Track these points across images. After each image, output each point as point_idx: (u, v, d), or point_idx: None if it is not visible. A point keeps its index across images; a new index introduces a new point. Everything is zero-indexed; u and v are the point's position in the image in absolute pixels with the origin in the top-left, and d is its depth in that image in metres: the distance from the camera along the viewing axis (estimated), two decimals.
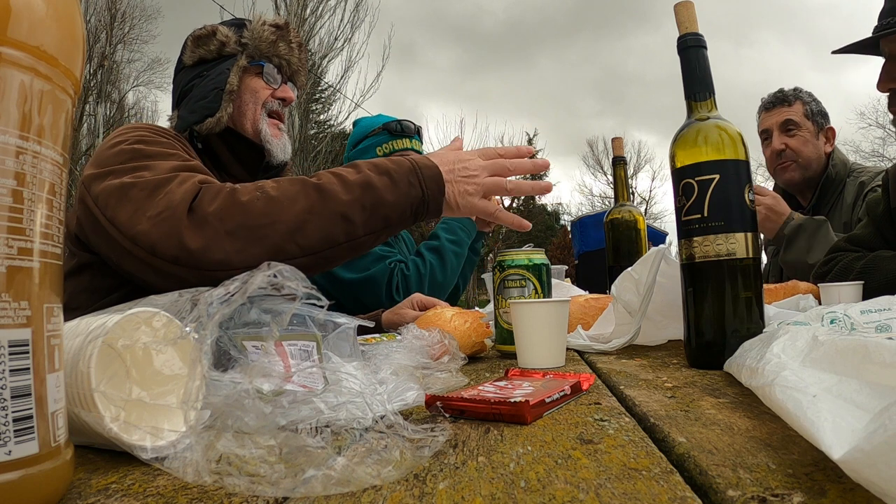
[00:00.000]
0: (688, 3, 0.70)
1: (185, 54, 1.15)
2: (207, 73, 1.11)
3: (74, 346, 0.38)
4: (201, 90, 1.10)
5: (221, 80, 1.09)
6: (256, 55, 1.14)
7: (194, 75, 1.13)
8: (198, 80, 1.12)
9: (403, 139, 1.82)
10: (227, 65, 1.11)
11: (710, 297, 0.66)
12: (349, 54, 12.97)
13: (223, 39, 1.12)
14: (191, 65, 1.14)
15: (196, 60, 1.13)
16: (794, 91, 1.91)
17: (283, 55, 1.16)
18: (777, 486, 0.29)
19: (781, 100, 1.90)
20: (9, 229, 0.28)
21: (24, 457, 0.28)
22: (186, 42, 1.15)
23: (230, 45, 1.12)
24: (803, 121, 1.88)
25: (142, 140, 0.93)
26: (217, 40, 1.12)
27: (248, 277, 0.43)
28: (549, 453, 0.37)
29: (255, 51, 1.13)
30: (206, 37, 1.13)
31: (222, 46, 1.12)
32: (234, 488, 0.32)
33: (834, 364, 0.40)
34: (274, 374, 0.44)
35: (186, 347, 0.42)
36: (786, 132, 1.89)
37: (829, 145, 1.89)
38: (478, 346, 0.88)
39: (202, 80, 1.11)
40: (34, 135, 0.30)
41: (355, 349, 0.63)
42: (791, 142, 1.88)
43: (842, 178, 1.87)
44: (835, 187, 1.87)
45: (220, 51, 1.12)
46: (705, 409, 0.46)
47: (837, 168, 1.87)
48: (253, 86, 1.14)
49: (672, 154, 0.70)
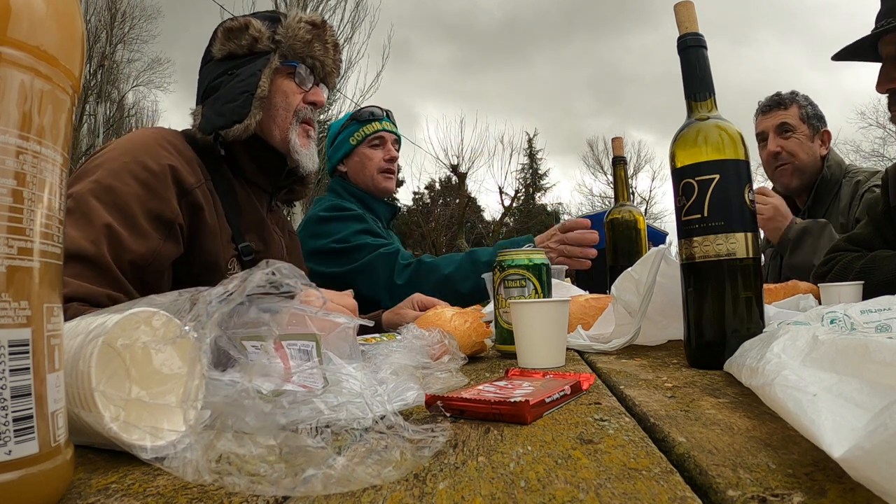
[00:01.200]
0: (688, 3, 0.70)
1: (215, 46, 1.08)
2: (237, 72, 1.05)
3: (74, 346, 0.38)
4: (230, 91, 1.04)
5: (252, 84, 1.03)
6: (290, 55, 1.08)
7: (223, 71, 1.06)
8: (226, 78, 1.05)
9: (372, 123, 1.85)
10: (258, 65, 1.05)
11: (710, 297, 0.66)
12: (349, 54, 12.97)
13: (255, 35, 1.06)
14: (220, 58, 1.07)
15: (225, 54, 1.07)
16: (791, 94, 1.93)
17: (317, 56, 1.10)
18: (777, 486, 0.29)
19: (777, 103, 1.92)
20: (9, 229, 0.28)
21: (24, 457, 0.28)
22: (216, 33, 1.09)
23: (262, 42, 1.06)
24: (799, 124, 1.89)
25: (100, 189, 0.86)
26: (249, 35, 1.06)
27: (247, 276, 0.43)
28: (549, 453, 0.37)
29: (288, 50, 1.07)
30: (238, 30, 1.06)
31: (254, 42, 1.06)
32: (234, 488, 0.32)
33: (834, 363, 0.40)
34: (274, 374, 0.44)
35: (186, 346, 0.42)
36: (781, 135, 1.90)
37: (825, 148, 1.90)
38: (478, 346, 0.88)
39: (231, 79, 1.05)
40: (34, 135, 0.30)
41: (355, 349, 0.63)
42: (786, 144, 1.90)
43: (837, 179, 1.88)
44: (830, 189, 1.88)
45: (251, 47, 1.06)
46: (705, 409, 0.46)
47: (833, 169, 1.88)
48: (284, 88, 1.08)
49: (672, 154, 0.70)
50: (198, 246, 0.97)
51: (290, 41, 1.07)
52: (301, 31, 1.07)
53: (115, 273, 0.84)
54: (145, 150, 0.93)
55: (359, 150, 1.84)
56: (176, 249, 0.94)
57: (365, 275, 1.61)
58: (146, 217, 0.89)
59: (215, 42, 1.08)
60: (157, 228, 0.90)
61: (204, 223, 0.98)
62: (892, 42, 1.15)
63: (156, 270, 0.91)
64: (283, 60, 1.07)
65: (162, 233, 0.91)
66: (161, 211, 0.91)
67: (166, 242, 0.91)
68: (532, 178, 21.93)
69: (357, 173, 1.85)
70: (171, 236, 0.92)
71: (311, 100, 1.11)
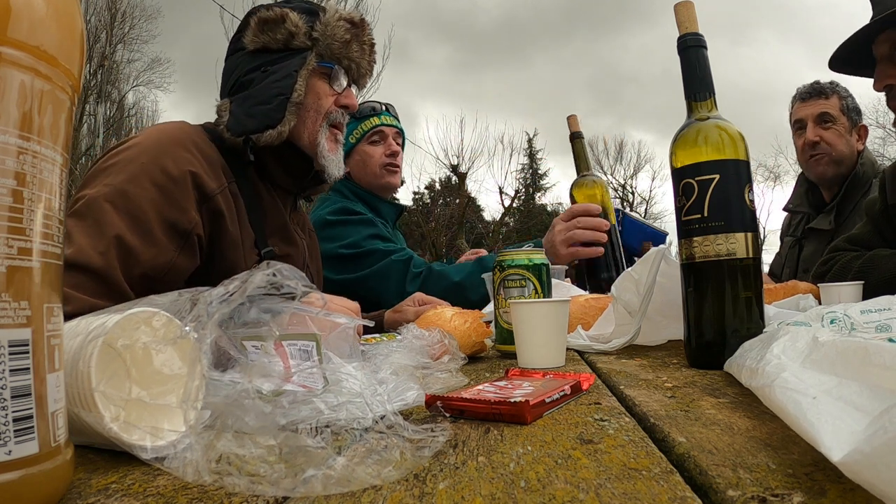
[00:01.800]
0: (688, 3, 0.70)
1: (247, 36, 1.02)
2: (272, 69, 0.99)
3: (74, 346, 0.38)
4: (263, 90, 0.98)
5: (287, 86, 0.97)
6: (327, 55, 1.02)
7: (255, 66, 1.00)
8: (259, 75, 1.00)
9: (371, 118, 1.81)
10: (294, 64, 0.99)
11: (710, 297, 0.66)
12: None
13: (292, 29, 1.00)
14: (252, 50, 1.01)
15: (259, 47, 1.01)
16: (832, 84, 1.88)
17: (354, 58, 1.05)
18: (777, 486, 0.29)
19: (819, 91, 1.87)
20: (9, 229, 0.28)
21: (24, 457, 0.28)
22: (249, 22, 1.02)
23: (299, 38, 1.00)
24: (839, 115, 1.85)
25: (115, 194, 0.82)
26: (286, 29, 1.00)
27: (248, 276, 0.43)
28: (549, 453, 0.37)
29: (326, 50, 1.02)
30: (274, 22, 1.00)
31: (291, 38, 1.00)
32: (234, 488, 0.32)
33: (834, 366, 0.40)
34: (274, 374, 0.44)
35: (186, 347, 0.42)
36: (821, 125, 1.86)
37: (861, 143, 1.86)
38: (478, 346, 0.88)
39: (265, 77, 0.99)
40: (34, 135, 0.30)
41: (355, 349, 0.63)
42: (826, 135, 1.85)
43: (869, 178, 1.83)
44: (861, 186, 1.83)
45: (287, 42, 1.00)
46: (705, 409, 0.46)
47: (866, 167, 1.84)
48: (317, 90, 1.03)
49: (672, 154, 0.70)
50: (218, 255, 0.93)
51: (328, 40, 1.02)
52: (340, 31, 1.02)
53: (123, 288, 0.80)
54: (167, 151, 0.88)
55: (358, 148, 1.80)
56: (192, 262, 0.89)
57: (377, 281, 1.57)
58: (162, 226, 0.85)
59: (247, 31, 1.02)
60: (172, 239, 0.86)
61: (225, 231, 0.93)
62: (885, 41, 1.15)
63: (169, 282, 0.86)
64: (319, 61, 1.02)
65: (177, 244, 0.87)
66: (178, 220, 0.86)
67: (181, 254, 0.87)
68: (532, 178, 21.94)
69: (359, 172, 1.81)
70: (187, 247, 0.88)
71: (344, 103, 1.06)
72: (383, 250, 1.61)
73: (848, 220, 1.82)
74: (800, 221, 2.01)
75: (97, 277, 0.78)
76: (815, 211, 1.95)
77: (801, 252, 1.94)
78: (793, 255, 1.95)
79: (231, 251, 0.94)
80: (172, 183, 0.87)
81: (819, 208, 1.94)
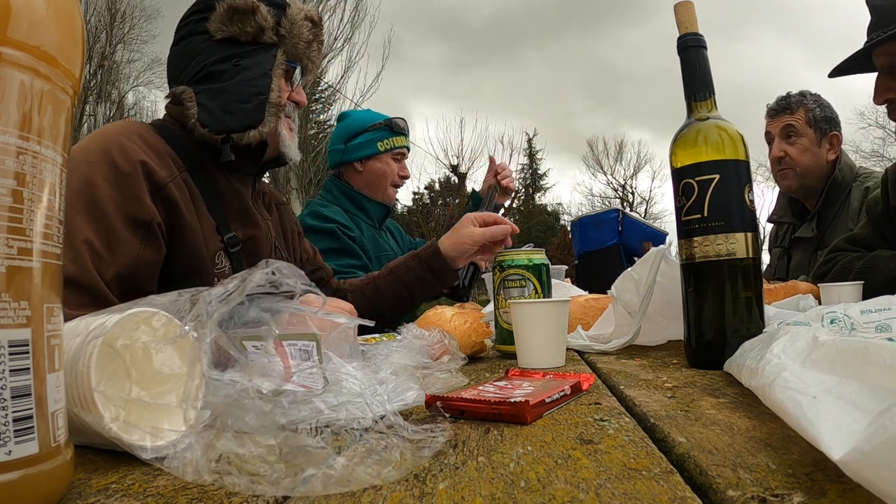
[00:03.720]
0: (688, 3, 0.70)
1: (213, 22, 1.00)
2: (244, 64, 0.99)
3: (74, 346, 0.38)
4: (239, 87, 0.97)
5: (265, 86, 0.98)
6: (292, 55, 1.03)
7: (224, 57, 0.99)
8: (230, 68, 0.99)
9: (402, 137, 1.87)
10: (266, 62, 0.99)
11: (710, 297, 0.66)
12: (349, 54, 12.96)
13: (262, 23, 0.99)
14: (219, 39, 1.00)
15: (227, 37, 0.99)
16: (799, 97, 1.91)
17: (313, 59, 1.07)
18: (777, 486, 0.29)
19: (784, 107, 1.91)
20: (9, 229, 0.28)
21: (24, 457, 0.28)
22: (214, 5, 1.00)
23: (268, 33, 1.00)
24: (804, 128, 1.88)
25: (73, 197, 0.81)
26: (256, 22, 0.99)
27: (247, 275, 0.43)
28: (549, 453, 0.37)
29: (292, 49, 1.03)
30: (244, 13, 0.99)
31: (260, 32, 1.00)
32: (234, 487, 0.32)
33: (834, 365, 0.40)
34: (273, 373, 0.44)
35: (186, 346, 0.42)
36: (786, 139, 1.90)
37: (833, 152, 1.88)
38: (478, 346, 0.88)
39: (238, 72, 0.98)
40: (34, 135, 0.30)
41: (355, 349, 0.63)
42: (790, 150, 1.89)
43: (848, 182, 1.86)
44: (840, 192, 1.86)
45: (256, 36, 1.00)
46: (705, 409, 0.46)
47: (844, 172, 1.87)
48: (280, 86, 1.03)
49: (672, 154, 0.70)
50: (179, 243, 0.93)
51: (294, 39, 1.03)
52: (304, 31, 1.03)
53: (103, 291, 0.81)
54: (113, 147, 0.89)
55: (384, 157, 1.84)
56: (158, 252, 0.90)
57: None
58: (123, 222, 0.85)
59: (212, 16, 1.00)
60: (135, 233, 0.86)
61: (181, 219, 0.93)
62: (884, 53, 1.16)
63: (141, 277, 0.87)
64: (286, 60, 1.03)
65: (141, 237, 0.87)
66: (136, 213, 0.87)
67: (147, 247, 0.88)
68: (532, 179, 21.94)
69: (373, 177, 1.84)
70: (151, 239, 0.88)
71: (296, 99, 1.08)
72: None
73: (830, 226, 1.85)
74: (786, 231, 2.04)
75: (77, 288, 0.78)
76: (799, 220, 1.98)
77: (790, 262, 1.96)
78: (782, 265, 1.98)
79: (191, 239, 0.94)
80: (124, 176, 0.87)
81: (802, 217, 1.98)
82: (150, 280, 0.90)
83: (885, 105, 1.20)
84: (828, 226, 1.85)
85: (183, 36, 1.04)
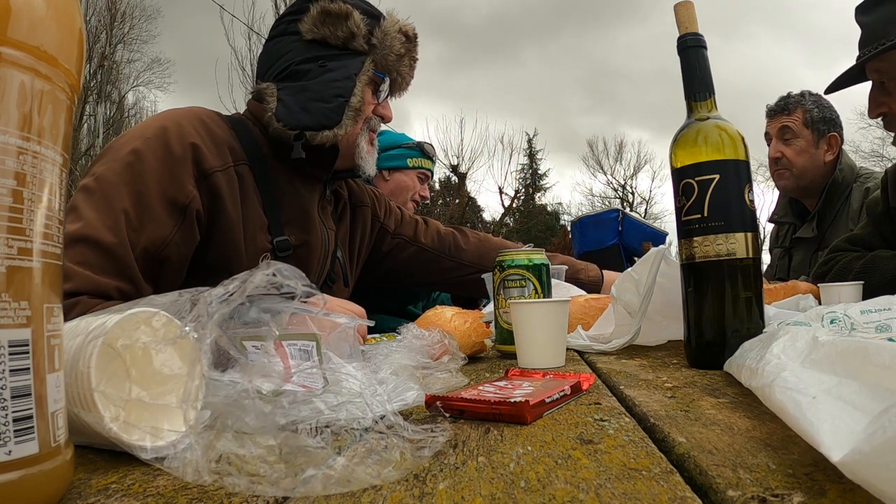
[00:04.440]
0: (688, 3, 0.70)
1: (305, 23, 1.00)
2: (330, 66, 0.98)
3: (74, 346, 0.38)
4: (321, 87, 0.97)
5: (347, 89, 0.97)
6: (382, 66, 1.02)
7: (311, 57, 0.99)
8: (315, 68, 0.98)
9: (429, 160, 2.03)
10: (353, 67, 0.99)
11: (710, 297, 0.66)
12: None
13: (354, 30, 0.99)
14: (308, 40, 1.00)
15: (317, 38, 0.99)
16: (798, 97, 1.91)
17: (403, 72, 1.06)
18: (777, 486, 0.29)
19: (782, 108, 1.92)
20: (9, 229, 0.28)
21: (24, 457, 0.28)
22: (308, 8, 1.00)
23: (359, 40, 1.00)
24: (801, 129, 1.88)
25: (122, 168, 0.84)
26: (348, 27, 0.99)
27: (248, 276, 0.43)
28: (549, 453, 0.37)
29: (382, 59, 1.02)
30: (338, 17, 0.99)
31: (351, 38, 0.99)
32: (234, 488, 0.32)
33: (834, 365, 0.40)
34: (273, 374, 0.44)
35: (186, 347, 0.42)
36: (783, 140, 1.91)
37: (831, 153, 1.89)
38: (478, 346, 0.88)
39: (322, 73, 0.98)
40: (34, 135, 0.30)
41: (355, 349, 0.63)
42: (786, 150, 1.90)
43: (848, 183, 1.87)
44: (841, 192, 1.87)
45: (347, 41, 1.00)
46: (705, 409, 0.46)
47: (844, 173, 1.87)
48: (365, 96, 1.02)
49: (672, 154, 0.70)
50: (217, 234, 0.92)
51: (385, 50, 1.02)
52: (397, 43, 1.02)
53: (130, 262, 0.81)
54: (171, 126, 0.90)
55: (410, 172, 1.99)
56: (191, 238, 0.89)
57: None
58: (161, 200, 0.85)
59: (305, 17, 1.00)
60: (171, 214, 0.86)
61: (223, 210, 0.92)
62: (874, 70, 1.16)
63: (171, 260, 0.87)
64: (374, 69, 1.02)
65: (176, 219, 0.87)
66: (176, 195, 0.86)
67: (180, 230, 0.87)
68: (532, 179, 21.94)
69: (396, 187, 1.97)
70: (186, 223, 0.88)
71: (381, 113, 1.07)
72: None
73: (831, 226, 1.85)
74: (787, 232, 2.05)
75: (106, 253, 0.80)
76: (800, 220, 1.99)
77: (791, 261, 1.97)
78: (783, 266, 1.99)
79: (230, 232, 0.93)
80: (172, 157, 0.87)
81: (803, 217, 1.99)
82: (179, 265, 0.90)
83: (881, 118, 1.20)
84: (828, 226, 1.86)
85: (274, 35, 1.05)
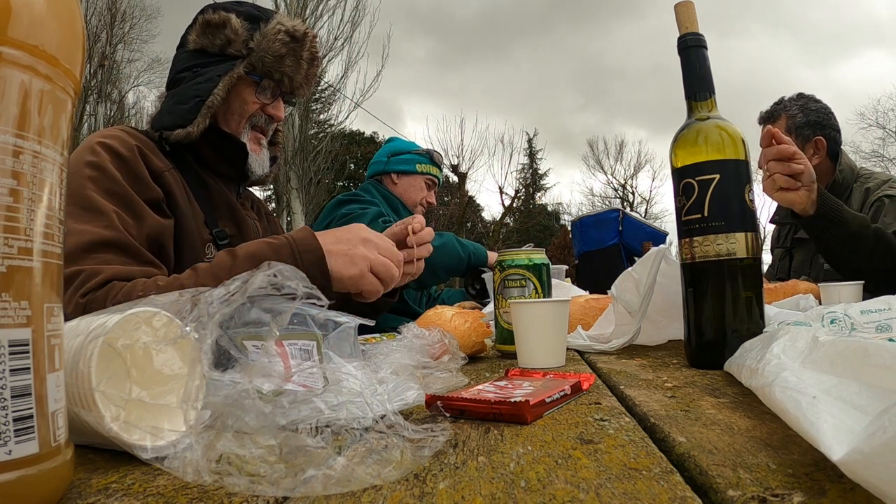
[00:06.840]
0: (688, 3, 0.70)
1: (191, 35, 1.06)
2: (201, 72, 1.03)
3: (74, 346, 0.38)
4: (185, 91, 1.03)
5: (206, 90, 1.01)
6: (258, 67, 1.05)
7: (189, 66, 1.05)
8: (189, 75, 1.04)
9: (437, 168, 2.13)
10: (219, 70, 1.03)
11: (710, 297, 0.66)
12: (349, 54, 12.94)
13: (231, 36, 1.03)
14: (192, 50, 1.06)
15: (198, 48, 1.05)
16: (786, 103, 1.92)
17: (287, 71, 1.07)
18: (777, 486, 0.29)
19: (767, 117, 1.94)
20: (9, 229, 0.28)
21: (24, 456, 0.28)
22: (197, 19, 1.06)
23: (236, 45, 1.04)
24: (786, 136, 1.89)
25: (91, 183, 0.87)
26: (224, 35, 1.03)
27: (249, 277, 0.43)
28: (550, 453, 0.37)
29: (258, 62, 1.04)
30: (216, 26, 1.04)
31: (227, 44, 1.03)
32: (234, 488, 0.32)
33: (834, 365, 0.40)
34: (274, 374, 0.44)
35: (186, 347, 0.42)
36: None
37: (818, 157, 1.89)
38: (478, 346, 0.88)
39: (194, 78, 1.03)
40: (34, 134, 0.30)
41: (355, 349, 0.63)
42: None
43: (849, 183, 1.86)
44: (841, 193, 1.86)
45: (223, 48, 1.04)
46: (705, 409, 0.46)
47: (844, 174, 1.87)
48: (244, 95, 1.06)
49: (672, 154, 0.70)
50: (178, 226, 0.99)
51: (261, 53, 1.04)
52: (276, 45, 1.04)
53: (141, 249, 0.87)
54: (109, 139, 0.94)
55: (418, 177, 2.10)
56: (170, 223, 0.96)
57: None
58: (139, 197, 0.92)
59: (192, 30, 1.06)
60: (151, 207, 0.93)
61: (178, 204, 0.99)
62: None
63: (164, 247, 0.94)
64: (248, 71, 1.05)
65: (155, 210, 0.94)
66: (147, 192, 0.93)
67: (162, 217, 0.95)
68: (532, 178, 21.94)
69: (404, 191, 2.08)
70: (162, 213, 0.95)
71: (270, 113, 1.11)
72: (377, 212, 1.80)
73: None
74: (787, 232, 2.05)
75: (116, 248, 0.85)
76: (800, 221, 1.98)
77: (792, 262, 1.97)
78: (784, 266, 1.99)
79: (186, 223, 1.00)
80: (127, 161, 0.93)
81: None
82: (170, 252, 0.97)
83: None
84: None
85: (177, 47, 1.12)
